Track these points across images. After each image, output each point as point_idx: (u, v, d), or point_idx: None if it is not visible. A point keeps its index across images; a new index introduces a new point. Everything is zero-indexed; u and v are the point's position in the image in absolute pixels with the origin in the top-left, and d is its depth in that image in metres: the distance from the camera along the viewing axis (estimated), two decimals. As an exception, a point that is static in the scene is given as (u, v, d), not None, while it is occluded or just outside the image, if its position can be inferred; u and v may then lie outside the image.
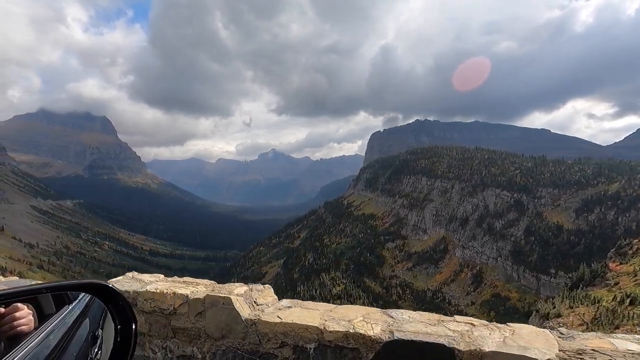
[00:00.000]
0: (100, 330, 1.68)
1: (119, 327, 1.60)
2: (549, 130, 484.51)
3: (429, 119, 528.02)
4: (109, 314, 1.63)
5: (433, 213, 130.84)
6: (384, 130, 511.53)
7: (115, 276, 4.06)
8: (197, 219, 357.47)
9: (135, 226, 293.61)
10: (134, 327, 1.60)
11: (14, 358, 1.19)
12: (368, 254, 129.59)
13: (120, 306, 1.61)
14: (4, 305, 1.28)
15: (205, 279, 4.01)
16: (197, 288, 3.56)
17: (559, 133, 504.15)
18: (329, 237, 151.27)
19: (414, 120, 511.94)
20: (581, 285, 29.88)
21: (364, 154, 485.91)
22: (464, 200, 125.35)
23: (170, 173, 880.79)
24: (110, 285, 1.61)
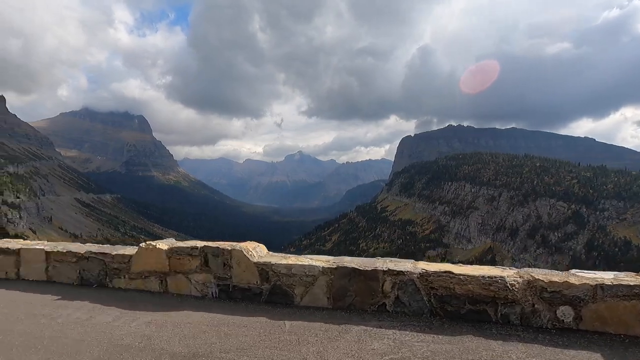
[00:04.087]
0: None
1: None
2: (594, 139, 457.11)
3: (462, 124, 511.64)
4: None
5: (478, 222, 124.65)
6: (415, 135, 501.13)
7: None
8: (226, 218, 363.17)
9: (168, 222, 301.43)
10: None
11: None
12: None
13: None
14: None
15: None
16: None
17: (605, 142, 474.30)
18: (365, 241, 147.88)
19: (446, 126, 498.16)
20: None
21: (390, 158, 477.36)
22: (513, 210, 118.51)
23: (200, 172, 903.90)
24: None
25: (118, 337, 3.26)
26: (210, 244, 4.36)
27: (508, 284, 3.21)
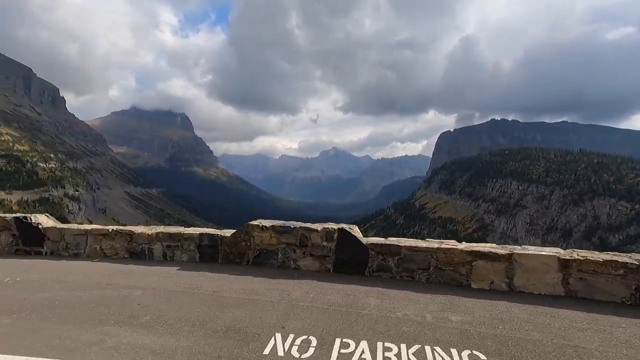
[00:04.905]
0: None
1: None
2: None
3: (507, 118, 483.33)
4: None
5: (527, 221, 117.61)
6: (455, 129, 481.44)
7: None
8: (263, 212, 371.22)
9: (208, 215, 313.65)
10: None
11: None
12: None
13: None
14: None
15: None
16: None
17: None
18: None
19: (489, 120, 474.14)
20: None
21: (428, 154, 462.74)
22: (566, 209, 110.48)
23: (238, 167, 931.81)
24: None
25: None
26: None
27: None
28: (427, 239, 5.41)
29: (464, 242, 5.10)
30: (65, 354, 3.02)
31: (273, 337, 3.28)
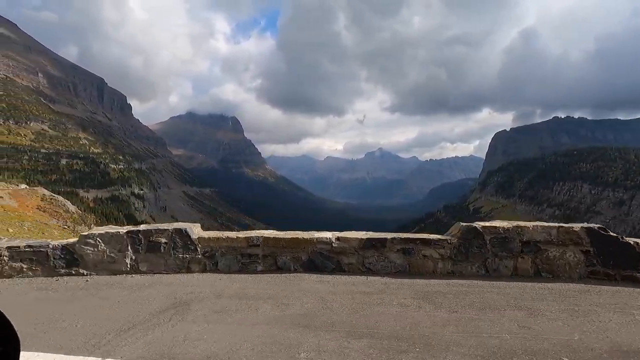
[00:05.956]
0: None
1: None
2: None
3: (572, 115, 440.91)
4: None
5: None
6: (512, 129, 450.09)
7: None
8: (309, 213, 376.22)
9: (258, 215, 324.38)
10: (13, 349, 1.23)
11: None
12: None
13: None
14: None
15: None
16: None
17: None
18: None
19: (551, 118, 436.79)
20: None
21: (480, 155, 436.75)
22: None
23: (284, 168, 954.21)
24: None
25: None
26: None
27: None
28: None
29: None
30: None
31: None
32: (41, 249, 5.35)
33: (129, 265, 5.34)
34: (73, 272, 5.33)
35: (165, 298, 4.31)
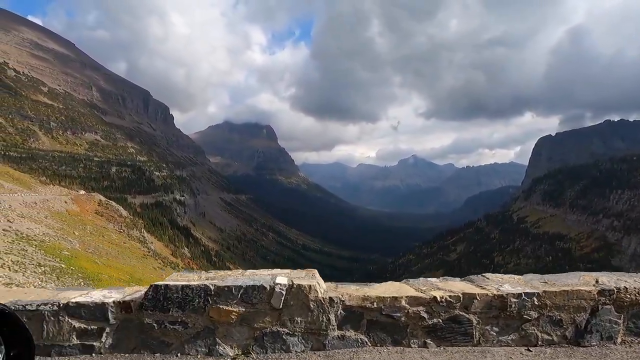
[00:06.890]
0: None
1: (11, 354, 1.31)
2: None
3: (627, 118, 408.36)
4: None
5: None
6: (557, 134, 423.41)
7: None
8: (342, 220, 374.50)
9: (291, 221, 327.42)
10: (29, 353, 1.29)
11: None
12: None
13: (13, 329, 1.31)
14: None
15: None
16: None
17: None
18: (501, 255, 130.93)
19: (602, 121, 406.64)
20: None
21: (520, 162, 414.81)
22: None
23: (316, 175, 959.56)
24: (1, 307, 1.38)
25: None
26: None
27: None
28: None
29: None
30: None
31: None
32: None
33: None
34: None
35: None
